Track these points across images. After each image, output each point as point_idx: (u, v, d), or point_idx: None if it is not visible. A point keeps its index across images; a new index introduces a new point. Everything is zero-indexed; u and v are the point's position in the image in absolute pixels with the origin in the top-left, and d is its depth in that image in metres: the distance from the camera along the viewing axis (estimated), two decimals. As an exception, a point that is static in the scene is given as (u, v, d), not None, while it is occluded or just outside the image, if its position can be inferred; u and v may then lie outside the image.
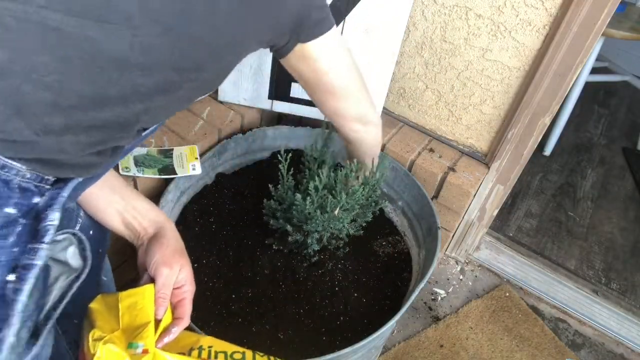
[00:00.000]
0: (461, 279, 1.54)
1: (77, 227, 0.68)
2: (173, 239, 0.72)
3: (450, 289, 1.50)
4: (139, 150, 1.13)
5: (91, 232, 0.71)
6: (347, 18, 1.21)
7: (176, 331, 0.65)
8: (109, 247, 0.79)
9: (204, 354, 0.65)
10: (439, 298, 1.47)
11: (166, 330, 0.64)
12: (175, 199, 1.16)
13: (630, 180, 2.15)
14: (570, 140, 2.32)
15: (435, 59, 1.35)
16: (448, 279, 1.53)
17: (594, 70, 2.18)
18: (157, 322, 0.63)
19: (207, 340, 0.68)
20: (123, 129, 0.56)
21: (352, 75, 0.83)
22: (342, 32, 1.24)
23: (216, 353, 0.66)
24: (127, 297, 0.64)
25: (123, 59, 0.50)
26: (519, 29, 1.19)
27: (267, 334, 1.00)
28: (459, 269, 1.57)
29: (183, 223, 1.17)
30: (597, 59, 2.19)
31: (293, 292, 1.08)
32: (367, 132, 0.94)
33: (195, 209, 1.21)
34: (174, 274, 0.68)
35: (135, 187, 1.11)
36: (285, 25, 0.65)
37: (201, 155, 1.25)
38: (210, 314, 1.02)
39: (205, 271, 1.09)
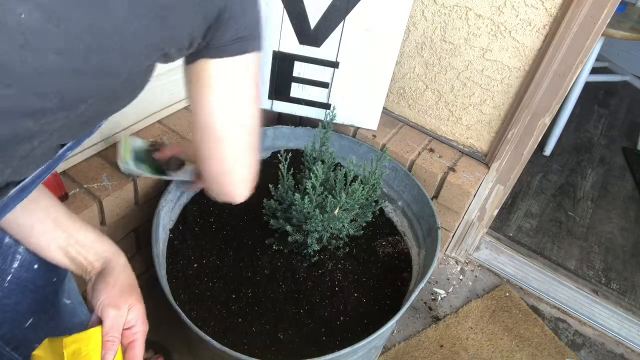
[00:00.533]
0: (461, 279, 1.54)
1: (16, 264, 0.65)
2: (122, 276, 0.66)
3: (450, 289, 1.50)
4: (138, 143, 1.08)
5: (36, 267, 0.68)
6: (347, 18, 1.21)
7: None
8: (67, 271, 0.75)
9: None
10: (439, 298, 1.47)
11: None
12: (175, 199, 1.16)
13: (630, 180, 2.15)
14: (570, 140, 2.32)
15: (435, 59, 1.35)
16: (448, 279, 1.53)
17: (594, 70, 2.18)
18: None
19: None
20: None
21: (243, 125, 0.69)
22: (342, 32, 1.24)
23: None
24: (72, 343, 0.60)
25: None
26: (519, 29, 1.19)
27: (267, 334, 1.00)
28: (459, 269, 1.57)
29: (183, 223, 1.17)
30: (597, 59, 2.19)
31: (293, 292, 1.08)
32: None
33: (195, 209, 1.21)
34: (122, 314, 0.63)
35: (136, 187, 1.11)
36: (198, 26, 0.53)
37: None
38: (210, 314, 1.02)
39: (205, 271, 1.09)
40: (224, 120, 0.67)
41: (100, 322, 0.63)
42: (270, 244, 1.14)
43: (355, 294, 1.10)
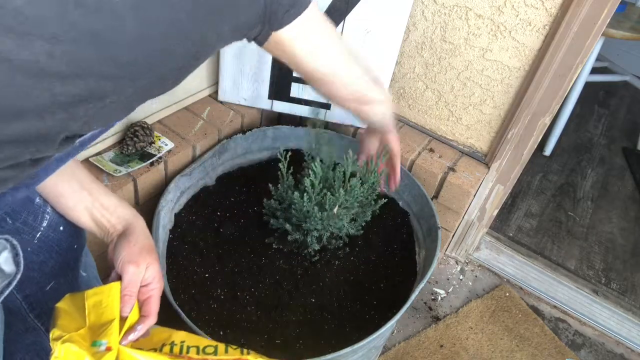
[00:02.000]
0: (461, 279, 1.54)
1: (45, 224, 0.68)
2: (142, 236, 0.71)
3: (450, 289, 1.50)
4: (109, 156, 1.13)
5: (61, 228, 0.71)
6: (347, 18, 1.22)
7: (142, 329, 0.65)
8: (85, 242, 0.78)
9: (176, 349, 0.65)
10: (439, 298, 1.47)
11: (132, 328, 0.64)
12: (175, 198, 1.16)
13: (630, 180, 2.15)
14: (570, 140, 2.32)
15: (435, 59, 1.35)
16: (448, 279, 1.53)
17: (594, 70, 2.18)
18: (124, 319, 0.63)
19: (179, 336, 0.67)
20: (42, 141, 0.52)
21: (336, 56, 0.78)
22: (342, 32, 1.24)
23: (188, 347, 0.66)
24: (93, 295, 0.64)
25: (36, 68, 0.45)
26: (519, 29, 1.19)
27: (267, 334, 1.00)
28: (459, 269, 1.57)
29: (183, 223, 1.17)
30: (597, 59, 2.19)
31: (293, 291, 1.08)
32: (370, 111, 0.88)
33: (195, 209, 1.21)
34: (141, 271, 0.67)
35: (136, 187, 1.11)
36: (252, 16, 0.60)
37: (201, 155, 1.25)
38: (210, 314, 1.02)
39: (205, 271, 1.09)
40: (325, 66, 0.76)
41: (119, 278, 0.66)
42: (270, 244, 1.14)
43: (355, 294, 1.10)
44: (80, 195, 0.69)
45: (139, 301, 0.67)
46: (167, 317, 0.99)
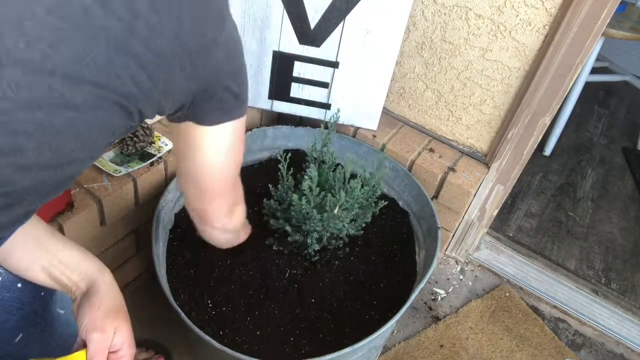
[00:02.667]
0: (461, 279, 1.54)
1: None
2: (107, 297, 0.63)
3: (450, 289, 1.50)
4: (109, 156, 1.13)
5: (19, 285, 0.65)
6: (347, 18, 1.21)
7: None
8: None
9: None
10: (439, 298, 1.47)
11: None
12: (175, 199, 1.16)
13: (630, 180, 2.15)
14: (570, 140, 2.32)
15: (435, 59, 1.35)
16: (448, 279, 1.53)
17: (594, 70, 2.18)
18: None
19: None
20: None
21: (227, 180, 0.75)
22: (342, 32, 1.24)
23: None
24: None
25: None
26: (519, 29, 1.19)
27: (267, 334, 1.00)
28: (459, 269, 1.57)
29: (183, 223, 1.17)
30: (597, 59, 2.19)
31: (292, 292, 1.08)
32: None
33: (195, 209, 1.21)
34: (108, 338, 0.61)
35: (136, 187, 1.11)
36: (185, 91, 0.55)
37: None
38: (210, 316, 1.02)
39: (205, 271, 1.09)
40: (209, 176, 0.71)
41: (85, 345, 0.61)
42: (270, 244, 1.14)
43: (356, 294, 1.10)
44: (35, 255, 0.63)
45: None
46: (168, 317, 0.99)
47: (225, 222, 0.85)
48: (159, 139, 1.19)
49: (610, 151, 2.31)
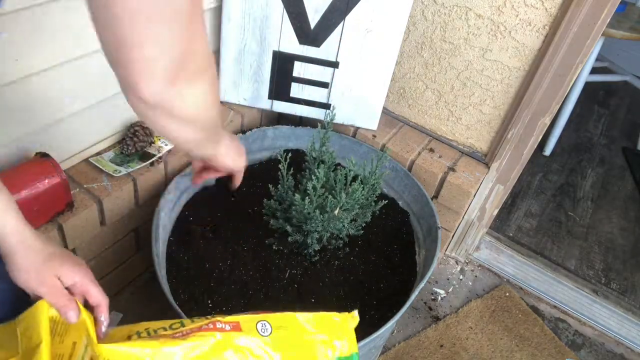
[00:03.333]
0: (461, 279, 1.54)
1: None
2: (30, 253, 0.57)
3: (450, 289, 1.50)
4: (109, 156, 1.13)
5: None
6: (347, 18, 1.22)
7: (105, 316, 0.60)
8: None
9: (144, 335, 0.63)
10: (439, 298, 1.47)
11: (97, 323, 0.61)
12: (175, 199, 1.16)
13: (630, 180, 2.15)
14: (570, 140, 2.32)
15: (435, 59, 1.35)
16: (448, 279, 1.53)
17: (594, 70, 2.18)
18: (85, 323, 0.60)
19: (141, 325, 0.65)
20: None
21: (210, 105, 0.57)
22: (342, 32, 1.24)
23: (155, 331, 0.64)
24: (22, 321, 0.60)
25: None
26: (519, 29, 1.19)
27: (267, 334, 1.00)
28: (459, 269, 1.58)
29: (183, 223, 1.17)
30: (597, 59, 2.19)
31: (293, 291, 1.08)
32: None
33: (195, 209, 1.21)
34: (56, 284, 0.58)
35: (136, 187, 1.11)
36: None
37: (201, 155, 1.25)
38: (209, 314, 1.02)
39: (205, 271, 1.09)
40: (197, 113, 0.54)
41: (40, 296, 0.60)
42: (271, 244, 1.14)
43: (355, 294, 1.10)
44: None
45: (79, 302, 0.60)
46: (168, 318, 0.99)
47: (163, 90, 0.48)
48: (159, 139, 1.19)
49: (610, 151, 2.31)
